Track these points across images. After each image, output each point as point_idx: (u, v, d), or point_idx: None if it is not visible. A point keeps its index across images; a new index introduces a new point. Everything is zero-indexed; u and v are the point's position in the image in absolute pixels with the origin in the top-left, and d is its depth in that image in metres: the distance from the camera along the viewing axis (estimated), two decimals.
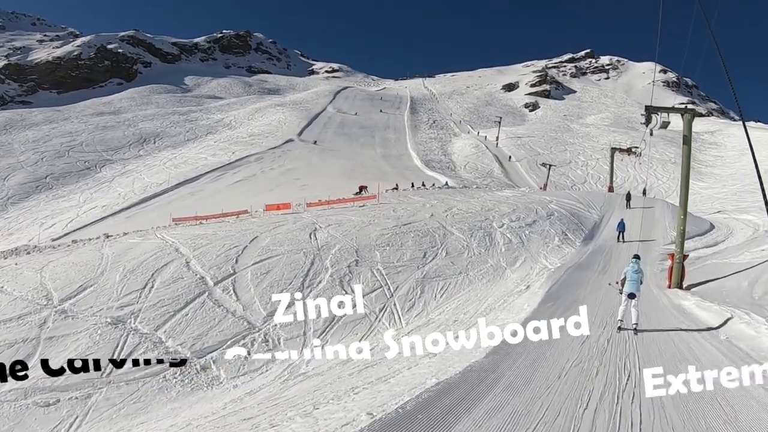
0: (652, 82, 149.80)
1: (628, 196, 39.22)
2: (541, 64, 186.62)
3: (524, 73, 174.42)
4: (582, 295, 16.60)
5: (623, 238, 30.11)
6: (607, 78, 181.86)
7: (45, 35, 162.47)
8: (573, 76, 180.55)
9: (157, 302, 19.79)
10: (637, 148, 52.49)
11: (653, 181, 66.10)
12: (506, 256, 25.95)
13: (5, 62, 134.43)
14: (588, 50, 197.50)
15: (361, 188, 44.29)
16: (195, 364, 17.02)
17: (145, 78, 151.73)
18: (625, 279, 12.01)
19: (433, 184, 51.19)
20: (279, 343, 18.17)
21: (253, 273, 22.56)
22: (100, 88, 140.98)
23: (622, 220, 31.62)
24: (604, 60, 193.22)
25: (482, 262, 25.11)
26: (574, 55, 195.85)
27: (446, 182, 53.43)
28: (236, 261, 23.64)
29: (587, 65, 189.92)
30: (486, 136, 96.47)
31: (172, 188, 58.27)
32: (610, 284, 14.60)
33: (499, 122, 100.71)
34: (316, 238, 26.51)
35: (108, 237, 32.83)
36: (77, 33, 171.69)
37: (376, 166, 68.52)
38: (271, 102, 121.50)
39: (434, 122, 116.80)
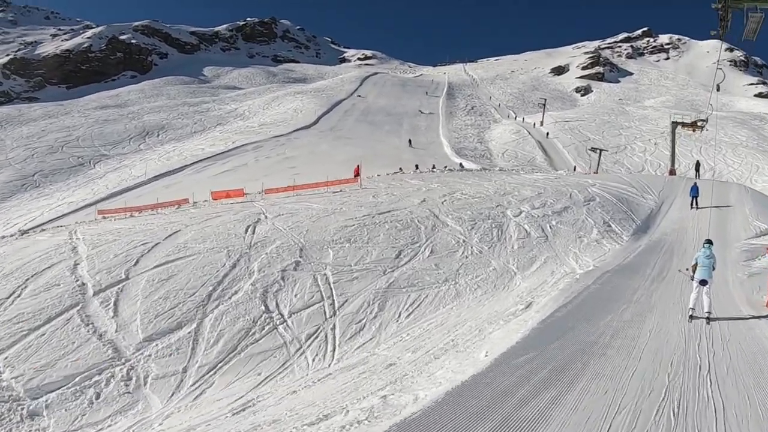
0: (717, 61, 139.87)
1: (697, 166, 32.46)
2: (593, 45, 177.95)
3: (575, 55, 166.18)
4: (610, 332, 9.82)
5: (697, 203, 27.09)
6: (667, 58, 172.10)
7: (59, 29, 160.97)
8: (629, 57, 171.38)
9: (15, 317, 15.05)
10: (703, 121, 44.67)
11: (723, 168, 57.57)
12: (519, 256, 19.02)
13: (11, 57, 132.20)
14: (645, 29, 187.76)
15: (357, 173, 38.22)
16: (22, 408, 12.03)
17: (161, 70, 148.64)
18: (696, 265, 11.53)
19: (446, 167, 44.33)
20: (144, 383, 12.81)
21: (150, 279, 16.85)
22: (112, 81, 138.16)
23: (695, 184, 28.24)
24: (664, 39, 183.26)
25: (482, 264, 18.23)
26: (630, 35, 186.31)
27: (460, 163, 47.07)
28: (136, 263, 18.03)
29: (644, 45, 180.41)
30: (534, 123, 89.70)
31: (147, 181, 52.94)
32: (680, 270, 13.84)
33: (544, 105, 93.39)
34: (253, 233, 20.20)
35: (22, 235, 27.86)
36: (92, 26, 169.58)
37: (396, 154, 61.91)
38: (290, 90, 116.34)
39: (472, 108, 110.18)
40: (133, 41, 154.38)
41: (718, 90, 19.98)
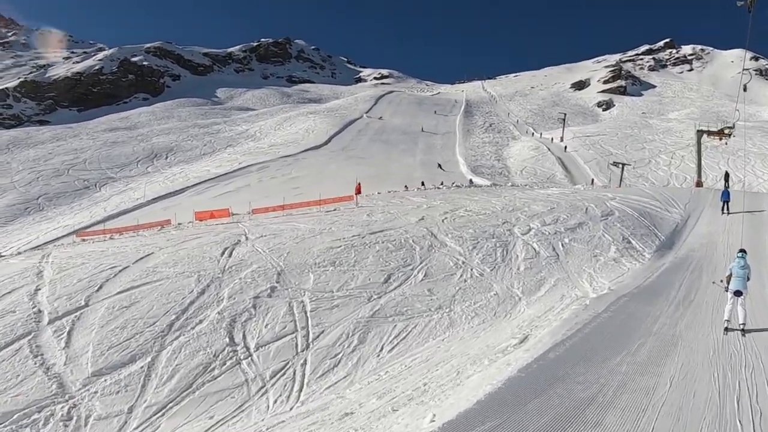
0: (741, 71, 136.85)
1: (726, 177, 30.76)
2: (614, 58, 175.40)
3: (596, 69, 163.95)
4: (615, 382, 7.75)
5: (728, 209, 26.45)
6: (691, 70, 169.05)
7: (72, 52, 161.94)
8: (651, 69, 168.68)
9: None
10: (731, 128, 42.39)
11: (752, 179, 55.03)
12: (525, 279, 17.06)
13: (21, 80, 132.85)
14: (667, 40, 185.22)
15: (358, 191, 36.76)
16: None
17: (174, 92, 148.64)
18: (730, 275, 11.19)
19: (453, 183, 42.46)
20: (85, 424, 11.45)
21: (110, 307, 15.53)
22: (124, 104, 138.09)
23: (726, 189, 27.77)
24: (686, 50, 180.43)
25: (482, 288, 16.32)
26: (652, 47, 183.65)
27: (470, 179, 45.21)
28: (99, 288, 16.82)
29: (667, 57, 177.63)
30: (552, 138, 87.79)
31: (146, 203, 51.65)
32: (714, 282, 13.28)
33: (564, 119, 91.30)
34: (230, 256, 18.55)
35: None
36: (105, 48, 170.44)
37: (407, 173, 60.09)
38: (303, 110, 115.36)
39: (490, 125, 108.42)
40: (145, 63, 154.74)
41: (745, 90, 18.04)
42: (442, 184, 41.88)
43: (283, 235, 20.53)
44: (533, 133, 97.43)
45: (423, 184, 44.17)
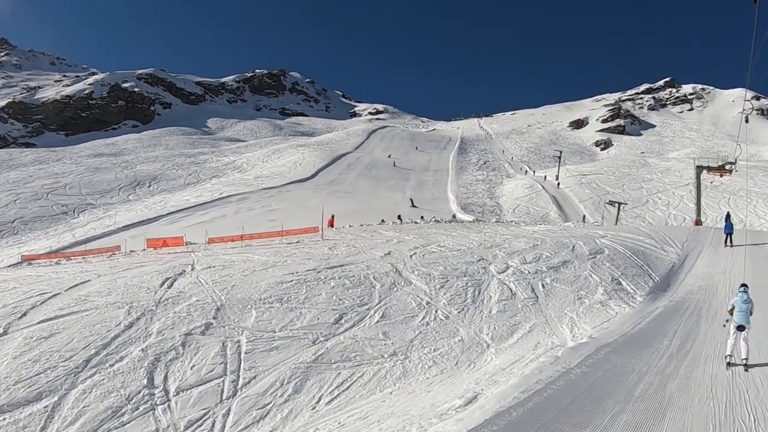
0: (742, 111, 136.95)
1: (727, 217, 29.55)
2: (613, 97, 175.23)
3: (594, 108, 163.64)
4: None
5: (731, 241, 26.11)
6: (691, 109, 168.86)
7: (64, 75, 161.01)
8: (651, 108, 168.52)
9: None
10: (732, 164, 41.16)
11: (754, 219, 53.46)
12: (497, 323, 15.22)
13: (9, 100, 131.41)
14: (667, 79, 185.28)
15: (331, 224, 35.26)
16: None
17: (164, 120, 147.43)
18: (733, 309, 11.17)
19: (433, 217, 40.72)
20: None
21: (28, 336, 13.90)
22: (113, 130, 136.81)
23: (729, 221, 27.41)
24: (687, 89, 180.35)
25: (446, 333, 14.48)
26: (652, 86, 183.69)
27: (453, 214, 43.79)
28: (23, 316, 15.13)
29: (667, 96, 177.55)
30: (545, 176, 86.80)
31: (116, 231, 49.70)
32: (724, 326, 11.78)
33: (559, 157, 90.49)
34: (169, 287, 16.74)
35: None
36: (97, 73, 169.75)
37: (392, 209, 58.34)
38: (293, 143, 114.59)
39: (485, 163, 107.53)
40: (135, 89, 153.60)
41: (747, 122, 16.57)
42: (422, 218, 40.25)
43: (234, 266, 18.73)
44: (527, 171, 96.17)
45: (399, 217, 42.98)
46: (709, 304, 17.03)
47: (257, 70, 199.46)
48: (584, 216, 56.72)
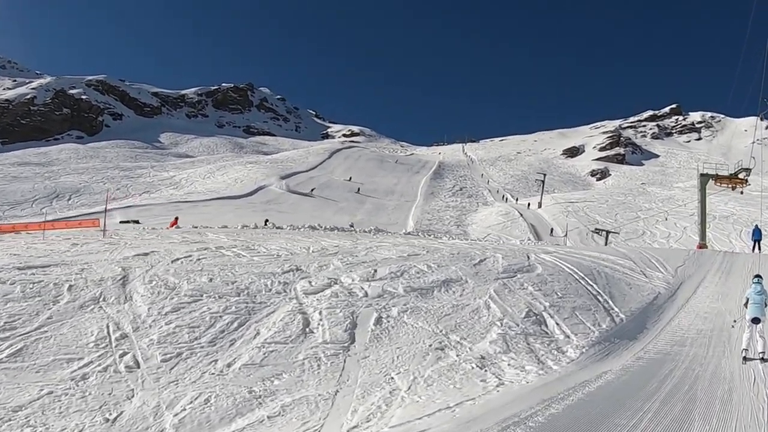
0: (753, 141, 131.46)
1: (756, 227, 29.22)
2: (614, 124, 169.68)
3: (592, 135, 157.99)
4: None
5: (759, 247, 25.97)
6: (699, 138, 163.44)
7: (14, 80, 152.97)
8: (655, 137, 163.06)
9: None
10: (747, 171, 35.52)
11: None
12: (229, 387, 6.84)
13: None
14: (673, 106, 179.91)
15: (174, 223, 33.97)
16: None
17: (113, 132, 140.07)
18: (747, 302, 11.02)
19: (318, 223, 33.70)
20: None
21: None
22: (54, 140, 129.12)
23: (757, 226, 27.69)
24: (695, 117, 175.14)
25: (96, 402, 6.09)
26: (656, 113, 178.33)
27: (351, 224, 43.18)
28: None
29: (673, 123, 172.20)
30: (528, 204, 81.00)
31: None
32: (732, 326, 11.81)
33: (543, 182, 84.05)
34: None
35: None
36: (44, 76, 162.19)
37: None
38: (243, 160, 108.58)
39: (461, 189, 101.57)
40: (83, 97, 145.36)
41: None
42: (305, 225, 34.03)
43: None
44: (507, 199, 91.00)
45: (267, 221, 41.93)
46: (715, 372, 8.89)
47: (223, 84, 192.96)
48: (552, 229, 50.14)
